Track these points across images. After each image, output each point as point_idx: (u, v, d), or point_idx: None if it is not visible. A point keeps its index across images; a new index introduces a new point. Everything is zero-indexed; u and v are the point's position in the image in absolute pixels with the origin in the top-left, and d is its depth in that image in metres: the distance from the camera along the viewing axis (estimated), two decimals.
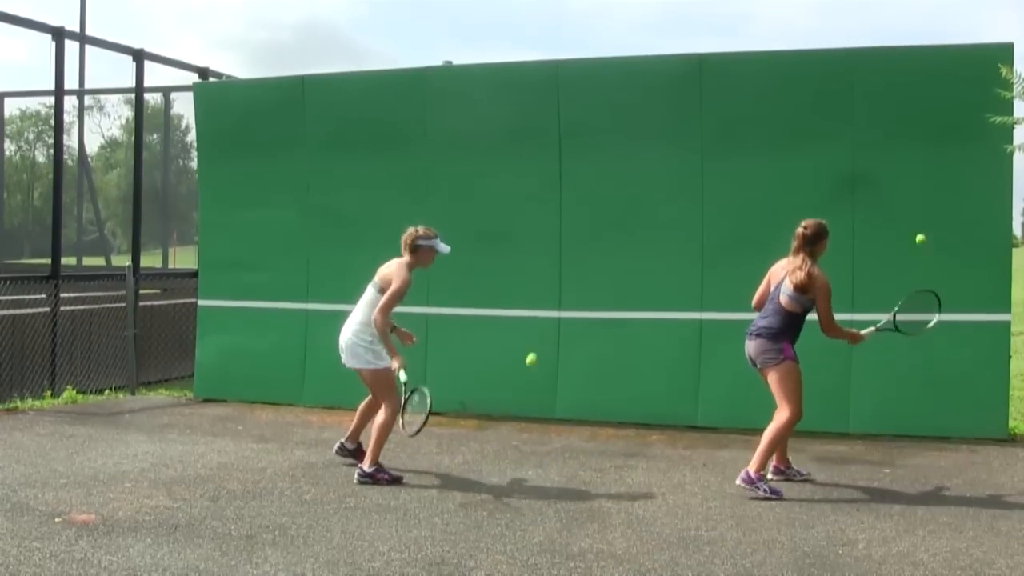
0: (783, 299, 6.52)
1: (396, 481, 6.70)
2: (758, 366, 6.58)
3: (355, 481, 6.69)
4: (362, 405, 7.22)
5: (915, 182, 8.30)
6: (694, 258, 8.71)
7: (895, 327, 6.92)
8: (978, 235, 8.18)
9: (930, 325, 7.05)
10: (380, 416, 6.79)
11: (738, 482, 6.44)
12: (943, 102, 8.19)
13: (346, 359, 6.90)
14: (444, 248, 6.90)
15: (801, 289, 6.43)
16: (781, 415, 6.46)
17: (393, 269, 6.81)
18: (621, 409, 8.88)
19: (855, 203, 8.35)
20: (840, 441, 8.16)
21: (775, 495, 6.33)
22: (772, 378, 6.49)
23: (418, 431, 6.63)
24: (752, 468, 6.41)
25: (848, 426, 8.42)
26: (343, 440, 7.32)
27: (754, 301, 6.86)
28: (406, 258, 6.84)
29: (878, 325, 6.92)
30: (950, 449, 7.89)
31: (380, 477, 6.69)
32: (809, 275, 6.42)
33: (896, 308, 6.94)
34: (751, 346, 6.60)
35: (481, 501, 6.29)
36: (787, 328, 6.50)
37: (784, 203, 8.17)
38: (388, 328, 6.75)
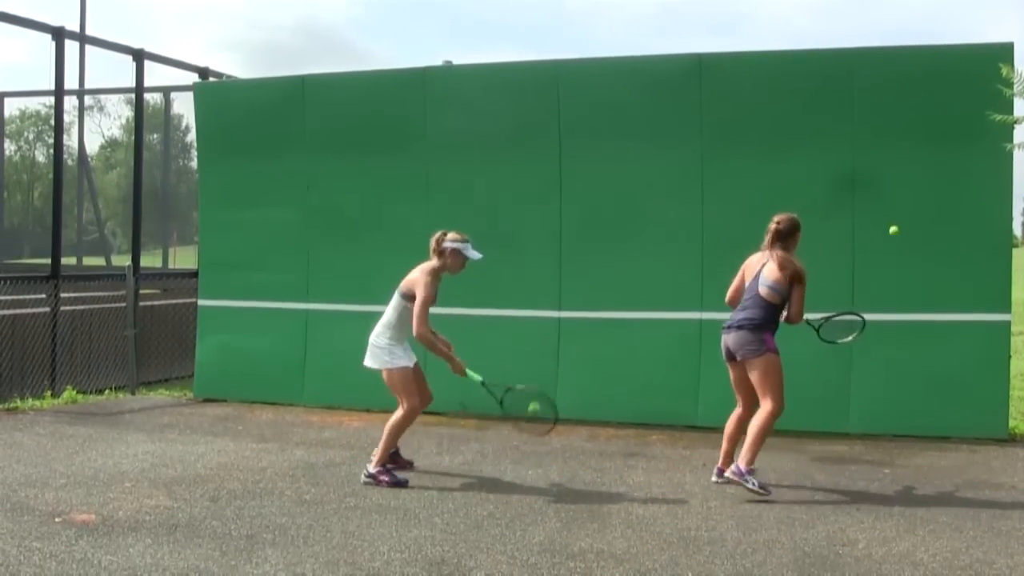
0: (763, 290, 6.50)
1: (399, 485, 6.65)
2: (738, 358, 6.53)
3: (361, 482, 6.69)
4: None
5: (915, 182, 8.30)
6: (694, 258, 8.71)
7: (817, 332, 6.89)
8: (978, 235, 8.18)
9: (848, 340, 7.01)
10: (395, 415, 6.73)
11: (727, 474, 6.47)
12: (943, 102, 8.19)
13: (366, 360, 6.86)
14: (475, 255, 6.70)
15: (793, 280, 6.42)
16: (764, 408, 6.45)
17: (417, 276, 6.66)
18: (621, 409, 8.89)
19: (855, 203, 8.35)
20: (840, 441, 8.16)
21: (764, 490, 6.32)
22: (756, 370, 6.46)
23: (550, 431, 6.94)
24: (742, 462, 6.40)
25: (848, 426, 8.42)
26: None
27: (728, 296, 6.83)
28: (433, 262, 6.71)
29: (814, 321, 6.84)
30: (950, 449, 7.89)
31: (382, 480, 6.66)
32: (793, 267, 6.43)
33: (831, 315, 6.95)
34: (731, 339, 6.56)
35: (481, 501, 6.29)
36: (768, 319, 6.50)
37: (784, 203, 8.11)
38: (432, 337, 6.64)
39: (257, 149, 10.01)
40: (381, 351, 6.75)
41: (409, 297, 6.64)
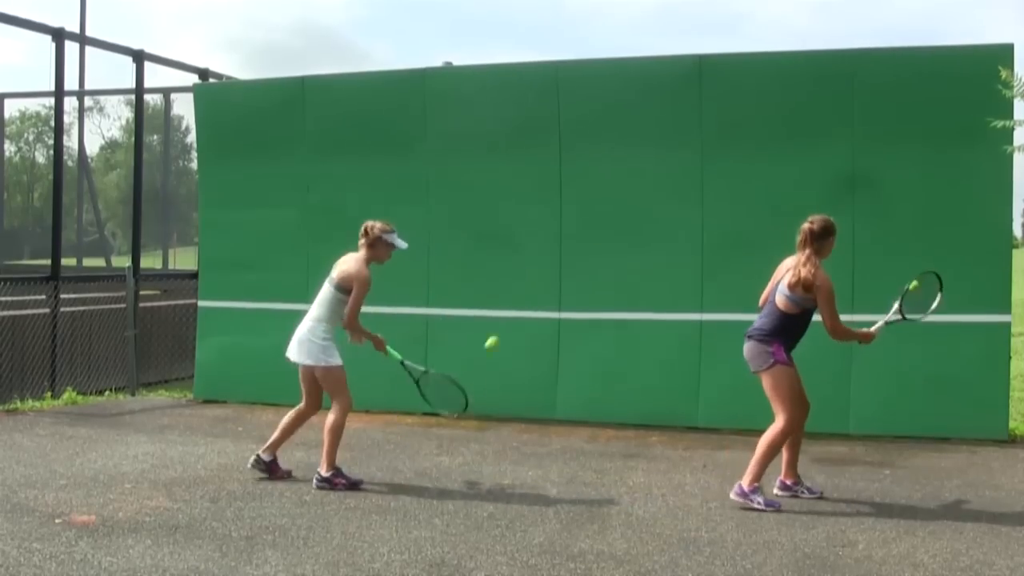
0: (779, 299, 6.24)
1: (354, 486, 6.58)
2: (751, 370, 6.32)
3: (313, 487, 6.57)
4: (289, 416, 6.96)
5: (915, 182, 8.31)
6: (694, 258, 8.71)
7: (903, 316, 6.56)
8: (978, 235, 8.18)
9: (934, 306, 6.67)
10: (331, 417, 6.65)
11: (732, 496, 6.21)
12: (943, 102, 8.20)
13: (295, 355, 6.76)
14: (402, 244, 6.77)
15: (794, 287, 6.11)
16: (776, 423, 6.17)
17: (352, 269, 6.64)
18: (621, 410, 8.89)
19: (855, 203, 8.35)
20: (840, 442, 8.16)
21: (771, 506, 6.11)
22: (765, 384, 6.22)
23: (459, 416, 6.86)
24: (745, 481, 6.15)
25: (848, 427, 8.42)
26: (259, 452, 6.98)
27: (761, 301, 6.56)
28: (363, 253, 6.72)
29: (886, 318, 6.57)
30: (950, 450, 7.89)
31: (337, 482, 6.59)
32: (799, 274, 6.09)
33: (900, 298, 6.60)
34: (745, 349, 6.33)
35: (481, 502, 6.29)
36: (780, 329, 6.20)
37: (784, 203, 8.16)
38: (360, 325, 6.66)
39: (257, 150, 10.01)
40: (317, 348, 6.67)
41: (346, 290, 6.62)
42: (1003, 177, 8.07)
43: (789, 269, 6.29)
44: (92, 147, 44.55)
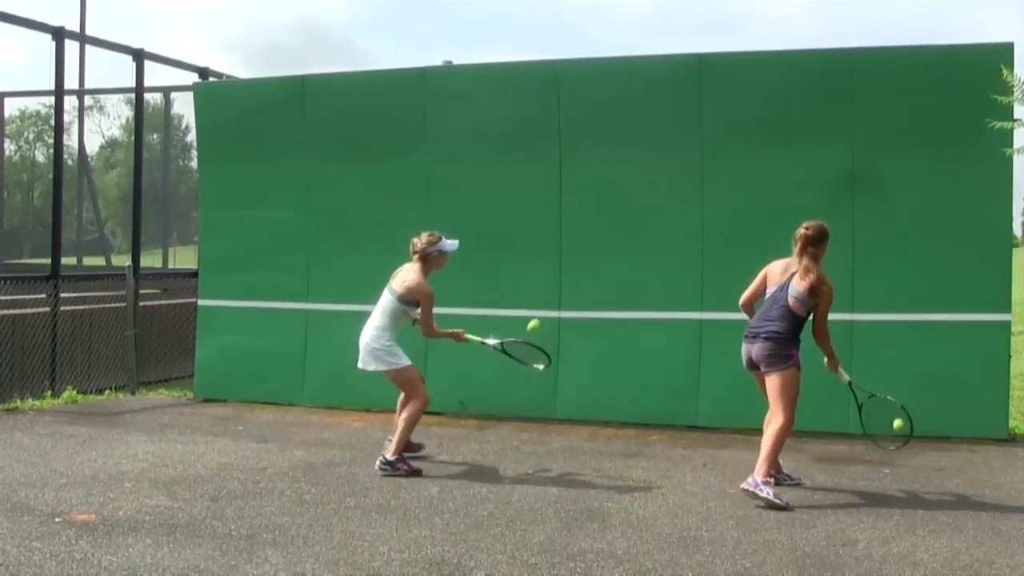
0: (791, 302, 6.37)
1: (415, 473, 6.89)
2: (762, 368, 6.44)
3: (376, 469, 6.90)
4: (400, 402, 7.35)
5: (915, 182, 8.30)
6: (694, 258, 8.71)
7: (857, 404, 6.81)
8: (978, 235, 8.18)
9: (897, 426, 6.72)
10: (408, 409, 7.01)
11: (743, 486, 6.29)
12: (943, 102, 8.19)
13: (364, 363, 7.09)
14: (452, 245, 7.14)
15: (812, 292, 6.30)
16: (777, 421, 6.35)
17: (413, 282, 6.99)
18: (621, 409, 8.89)
19: (855, 203, 8.35)
20: (840, 441, 8.16)
21: (779, 500, 6.16)
22: (775, 382, 6.36)
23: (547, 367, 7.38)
24: (760, 474, 6.28)
25: (848, 426, 8.40)
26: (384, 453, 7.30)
27: (743, 299, 6.72)
28: (418, 266, 7.07)
29: (851, 383, 6.75)
30: (950, 449, 7.89)
31: (400, 467, 6.90)
32: (820, 278, 6.32)
33: (867, 395, 6.81)
34: (756, 349, 6.44)
35: (481, 501, 6.29)
36: (796, 331, 6.39)
37: (784, 203, 8.17)
38: (438, 331, 7.18)
39: (257, 149, 10.01)
40: (383, 353, 7.01)
41: (409, 302, 7.00)
42: (1003, 177, 8.07)
43: (792, 273, 6.44)
44: (92, 146, 44.64)
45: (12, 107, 44.30)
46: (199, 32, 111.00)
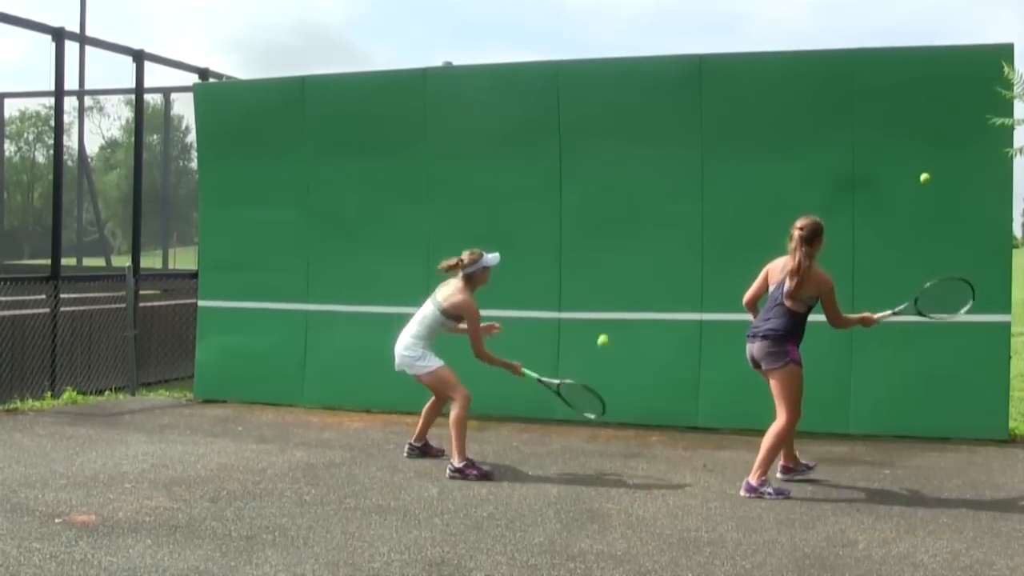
0: (786, 300, 6.44)
1: (486, 476, 6.86)
2: (763, 367, 6.51)
3: (447, 476, 6.87)
4: (426, 406, 7.47)
5: (915, 182, 8.28)
6: (694, 258, 8.71)
7: (918, 311, 6.75)
8: (978, 235, 8.17)
9: (964, 310, 6.78)
10: (452, 412, 6.97)
11: (742, 493, 6.40)
12: (943, 102, 8.19)
13: (399, 367, 7.17)
14: (493, 259, 7.13)
15: (799, 287, 6.34)
16: (779, 420, 6.41)
17: (460, 300, 7.03)
18: (621, 410, 8.85)
19: (855, 203, 8.35)
20: (840, 442, 8.16)
21: (781, 495, 6.33)
22: (775, 382, 6.44)
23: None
24: (753, 478, 6.37)
25: (848, 427, 8.42)
26: (411, 440, 7.56)
27: (747, 298, 6.77)
28: (462, 284, 7.10)
29: (897, 308, 6.73)
30: (950, 450, 7.89)
31: (469, 472, 6.87)
32: (807, 276, 6.35)
33: (917, 295, 6.77)
34: (755, 348, 6.51)
35: (481, 502, 6.29)
36: (792, 329, 6.44)
37: (784, 203, 8.15)
38: (491, 355, 7.09)
39: (257, 150, 10.00)
40: (414, 358, 7.08)
41: (453, 316, 7.06)
42: (1003, 177, 8.07)
43: (785, 271, 6.49)
44: (92, 147, 44.59)
45: (12, 108, 44.33)
46: (199, 32, 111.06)
